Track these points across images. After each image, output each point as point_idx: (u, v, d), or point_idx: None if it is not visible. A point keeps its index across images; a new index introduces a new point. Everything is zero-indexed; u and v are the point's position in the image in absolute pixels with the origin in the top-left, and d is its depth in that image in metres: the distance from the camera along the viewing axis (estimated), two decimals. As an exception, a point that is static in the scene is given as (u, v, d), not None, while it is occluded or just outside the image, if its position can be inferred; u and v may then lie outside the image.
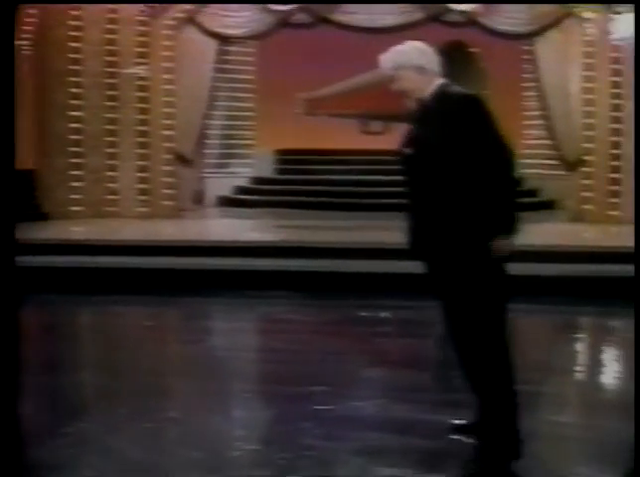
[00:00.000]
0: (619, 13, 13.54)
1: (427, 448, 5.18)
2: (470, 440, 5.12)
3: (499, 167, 4.85)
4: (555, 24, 13.81)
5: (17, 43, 13.91)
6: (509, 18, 13.69)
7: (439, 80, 5.02)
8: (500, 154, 4.86)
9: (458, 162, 4.80)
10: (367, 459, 5.02)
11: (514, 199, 4.95)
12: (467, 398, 5.12)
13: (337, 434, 5.44)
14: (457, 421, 5.28)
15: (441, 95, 4.94)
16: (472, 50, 14.22)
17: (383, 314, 9.22)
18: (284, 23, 13.90)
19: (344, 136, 15.52)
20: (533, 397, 6.04)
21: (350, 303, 9.65)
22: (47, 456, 5.12)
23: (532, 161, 15.77)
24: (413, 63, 4.97)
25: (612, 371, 7.78)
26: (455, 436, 5.20)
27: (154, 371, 7.20)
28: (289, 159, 17.16)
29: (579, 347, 8.83)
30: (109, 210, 14.45)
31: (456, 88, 4.98)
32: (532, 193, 15.49)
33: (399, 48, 5.06)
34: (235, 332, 8.88)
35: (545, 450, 5.21)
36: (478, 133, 4.80)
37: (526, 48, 14.74)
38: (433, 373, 7.34)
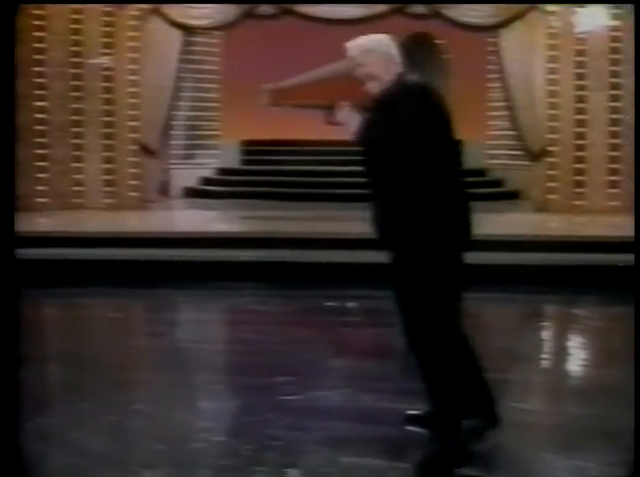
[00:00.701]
0: (583, 6, 13.64)
1: (392, 437, 5.20)
2: (424, 431, 5.16)
3: (449, 157, 4.95)
4: (519, 16, 13.89)
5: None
6: (473, 10, 13.75)
7: (399, 70, 5.07)
8: (450, 144, 4.97)
9: (411, 151, 4.84)
10: (332, 449, 5.03)
11: (465, 191, 5.04)
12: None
13: (302, 424, 5.46)
14: (411, 412, 5.30)
15: (398, 84, 4.99)
16: (436, 41, 14.29)
17: (348, 304, 9.26)
18: (249, 14, 13.88)
19: (309, 127, 15.52)
20: (498, 385, 6.09)
21: (315, 293, 9.67)
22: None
23: (496, 151, 15.87)
24: (383, 49, 5.07)
25: (576, 358, 7.85)
26: (410, 427, 5.23)
27: (119, 363, 7.19)
28: (255, 150, 17.15)
29: (544, 335, 8.92)
30: (75, 201, 14.38)
31: (412, 78, 5.03)
32: (496, 183, 15.60)
33: (368, 35, 5.15)
34: (200, 323, 8.87)
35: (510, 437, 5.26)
36: (429, 122, 4.85)
37: (490, 39, 14.81)
38: (399, 362, 7.37)
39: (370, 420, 5.51)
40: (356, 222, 12.50)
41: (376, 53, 5.06)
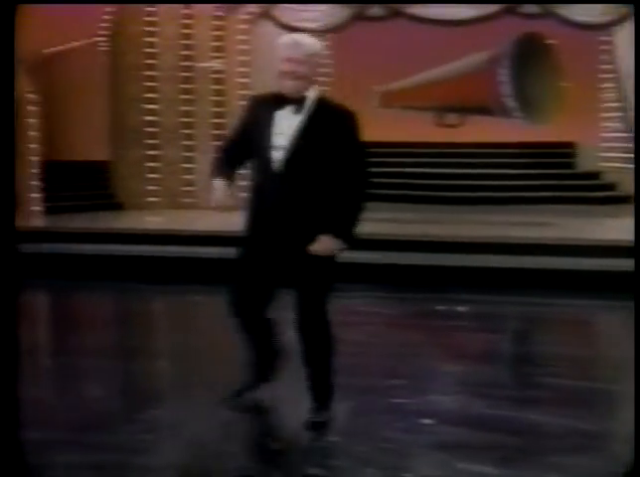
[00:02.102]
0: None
1: (506, 444, 5.15)
2: (326, 437, 5.23)
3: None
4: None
5: (94, 39, 14.13)
6: (586, 8, 13.50)
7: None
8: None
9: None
10: (445, 454, 5.02)
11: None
12: (544, 395, 5.09)
13: (415, 428, 5.44)
14: (315, 419, 5.37)
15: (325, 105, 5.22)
16: (547, 42, 14.09)
17: (461, 308, 9.17)
18: (359, 16, 13.88)
19: (420, 129, 15.46)
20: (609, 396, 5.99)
21: (428, 296, 9.61)
22: (123, 440, 5.21)
23: (610, 154, 15.56)
24: (322, 58, 5.27)
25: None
26: (312, 432, 5.29)
27: (230, 360, 7.23)
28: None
29: None
30: (185, 201, 14.59)
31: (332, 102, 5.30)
32: (610, 187, 15.29)
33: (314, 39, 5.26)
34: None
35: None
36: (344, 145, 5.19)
37: (603, 39, 14.54)
38: (510, 368, 7.30)
39: (483, 427, 5.46)
40: (468, 225, 12.53)
41: (319, 59, 5.22)
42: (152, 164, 14.57)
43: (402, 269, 10.46)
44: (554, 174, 15.41)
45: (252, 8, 14.27)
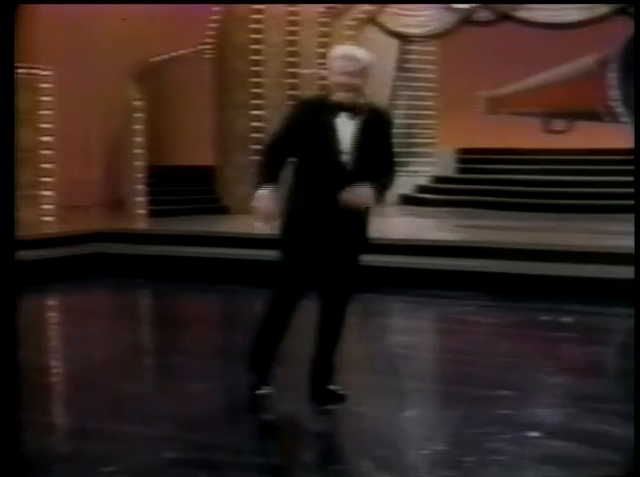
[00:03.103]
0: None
1: (614, 461, 5.03)
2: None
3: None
4: None
5: (200, 47, 14.31)
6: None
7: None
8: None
9: None
10: (553, 468, 4.92)
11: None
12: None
13: (523, 440, 5.35)
14: (339, 390, 5.86)
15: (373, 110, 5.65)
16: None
17: (565, 319, 9.01)
18: (466, 21, 13.78)
19: (526, 135, 15.29)
20: None
21: (532, 306, 9.47)
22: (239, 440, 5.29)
23: None
24: (372, 69, 5.59)
25: None
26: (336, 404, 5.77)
27: (337, 366, 7.22)
28: (471, 158, 16.99)
29: None
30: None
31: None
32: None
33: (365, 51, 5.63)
34: (416, 331, 8.86)
35: None
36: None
37: None
38: (618, 383, 7.13)
39: (592, 442, 5.34)
40: (576, 233, 12.31)
41: (370, 70, 5.58)
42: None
43: (505, 277, 10.33)
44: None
45: (358, 14, 14.27)
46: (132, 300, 10.54)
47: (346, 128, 5.52)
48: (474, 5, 13.67)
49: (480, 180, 16.09)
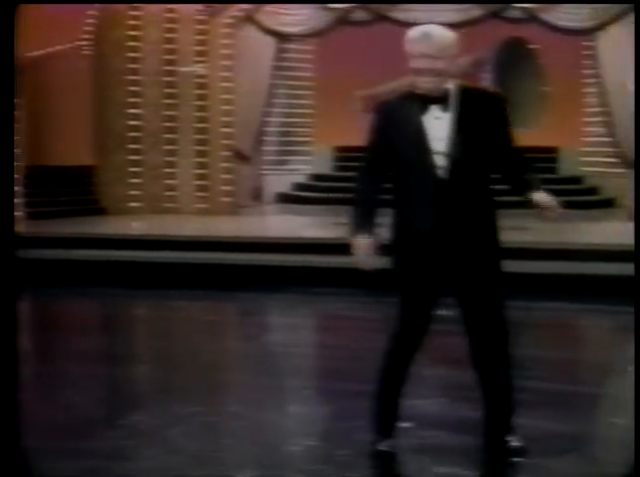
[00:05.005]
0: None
1: (489, 448, 5.12)
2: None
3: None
4: (616, 19, 13.64)
5: (78, 43, 14.11)
6: (569, 13, 13.54)
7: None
8: None
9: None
10: (427, 457, 5.00)
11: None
12: (528, 398, 5.06)
13: (396, 432, 5.41)
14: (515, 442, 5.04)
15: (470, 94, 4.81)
16: (530, 47, 14.13)
17: (441, 312, 9.14)
18: (343, 21, 13.89)
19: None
20: (592, 399, 6.00)
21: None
22: (103, 446, 5.18)
23: (592, 159, 15.60)
24: (457, 48, 4.75)
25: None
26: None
27: (214, 365, 7.23)
28: (348, 156, 17.11)
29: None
30: (168, 206, 14.56)
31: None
32: (591, 191, 15.33)
33: (445, 29, 4.76)
34: (293, 328, 8.91)
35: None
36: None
37: (586, 44, 14.58)
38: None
39: (465, 430, 5.43)
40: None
41: (454, 49, 4.72)
42: (135, 169, 14.53)
43: (384, 273, 10.44)
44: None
45: (236, 12, 14.24)
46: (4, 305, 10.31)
47: (437, 125, 4.67)
48: (351, 5, 13.77)
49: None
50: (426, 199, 4.69)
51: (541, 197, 4.71)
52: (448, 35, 4.69)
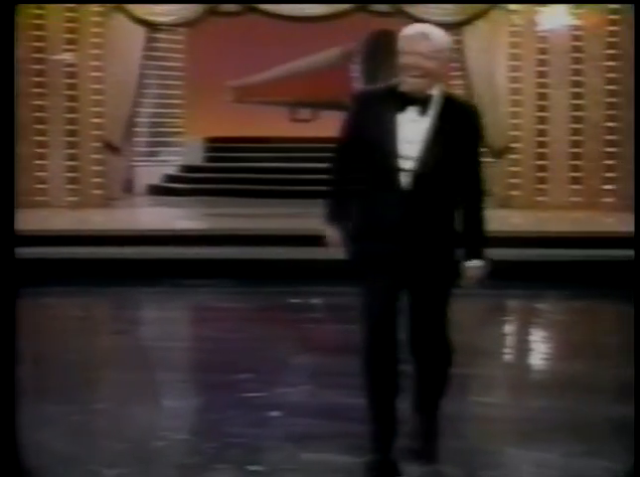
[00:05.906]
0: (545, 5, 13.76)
1: (356, 432, 5.22)
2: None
3: None
4: (482, 14, 13.94)
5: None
6: (436, 7, 13.79)
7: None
8: None
9: None
10: (295, 445, 5.07)
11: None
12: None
13: (264, 422, 5.48)
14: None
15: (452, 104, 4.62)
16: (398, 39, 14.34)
17: (313, 301, 9.27)
18: (213, 11, 13.86)
19: (273, 124, 15.54)
20: (461, 380, 6.14)
21: (280, 290, 9.68)
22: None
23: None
24: (451, 53, 4.64)
25: (540, 352, 7.95)
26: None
27: (83, 362, 7.17)
28: (219, 147, 17.13)
29: (507, 329, 9.00)
30: (38, 199, 14.27)
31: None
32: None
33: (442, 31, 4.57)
34: (165, 321, 8.87)
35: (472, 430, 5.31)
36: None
37: (453, 38, 14.85)
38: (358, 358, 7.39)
39: (332, 417, 5.53)
40: (316, 219, 12.58)
41: (447, 52, 4.56)
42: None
43: (253, 264, 10.53)
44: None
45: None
46: None
47: (412, 128, 4.48)
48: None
49: (228, 168, 16.28)
50: (387, 199, 4.53)
51: (473, 268, 4.63)
52: (445, 38, 4.53)
